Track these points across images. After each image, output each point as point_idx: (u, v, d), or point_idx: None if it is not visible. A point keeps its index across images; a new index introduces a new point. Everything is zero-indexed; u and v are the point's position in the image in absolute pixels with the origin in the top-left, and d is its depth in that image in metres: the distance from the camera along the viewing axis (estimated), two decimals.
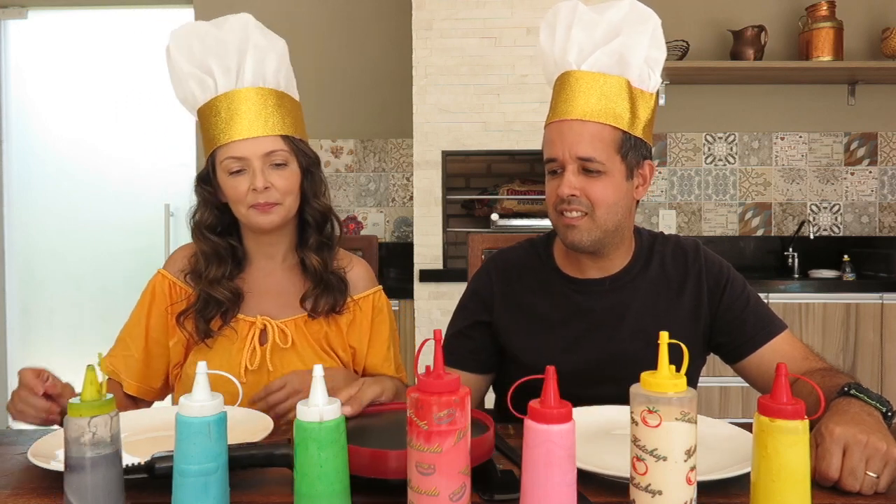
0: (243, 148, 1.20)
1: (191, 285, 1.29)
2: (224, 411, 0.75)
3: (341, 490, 0.73)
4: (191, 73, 1.22)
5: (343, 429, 0.73)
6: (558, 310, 1.25)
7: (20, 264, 3.59)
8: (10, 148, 3.55)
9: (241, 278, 1.31)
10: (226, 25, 1.22)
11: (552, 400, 0.68)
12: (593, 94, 1.14)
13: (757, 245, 3.35)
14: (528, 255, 1.31)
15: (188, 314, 1.27)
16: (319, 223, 1.32)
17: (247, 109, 1.21)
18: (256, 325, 1.28)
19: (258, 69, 1.22)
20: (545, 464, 0.67)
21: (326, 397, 0.73)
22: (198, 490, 0.72)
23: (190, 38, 1.22)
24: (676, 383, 0.69)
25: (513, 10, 2.78)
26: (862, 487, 0.82)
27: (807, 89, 3.31)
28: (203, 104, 1.24)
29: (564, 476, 0.67)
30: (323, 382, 0.74)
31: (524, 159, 3.16)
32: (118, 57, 3.54)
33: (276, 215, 1.23)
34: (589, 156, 1.13)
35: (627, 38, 1.14)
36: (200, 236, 1.29)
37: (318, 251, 1.31)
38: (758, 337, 1.20)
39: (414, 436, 0.68)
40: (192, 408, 0.73)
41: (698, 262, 1.25)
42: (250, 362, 1.26)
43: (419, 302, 2.78)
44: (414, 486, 0.69)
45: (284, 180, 1.23)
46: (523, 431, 0.69)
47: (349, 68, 3.35)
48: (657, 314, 1.22)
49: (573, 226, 1.16)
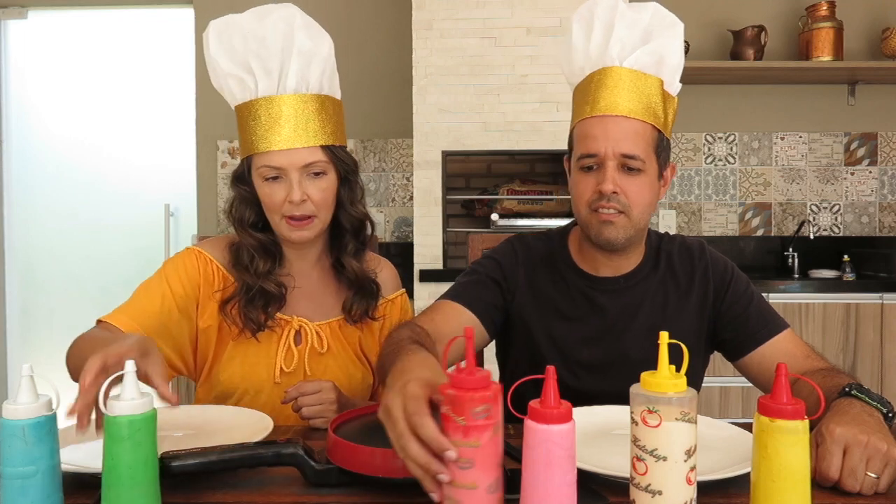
0: (281, 158, 1.17)
1: (233, 274, 1.25)
2: (46, 415, 0.73)
3: (131, 485, 0.72)
4: (230, 72, 1.18)
5: (140, 427, 0.73)
6: (575, 305, 1.25)
7: (20, 264, 3.59)
8: (10, 148, 3.55)
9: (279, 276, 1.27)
10: (268, 21, 1.16)
11: (552, 400, 0.68)
12: (635, 91, 1.15)
13: (757, 245, 3.35)
14: (547, 247, 1.31)
15: (233, 303, 1.22)
16: (357, 229, 1.29)
17: (287, 118, 1.17)
18: (293, 325, 1.25)
19: (302, 75, 1.18)
20: (545, 464, 0.67)
21: (132, 393, 0.73)
22: (14, 493, 0.71)
23: (231, 33, 1.16)
24: (676, 383, 0.69)
25: (513, 10, 2.77)
26: (862, 488, 0.82)
27: (807, 89, 3.31)
28: (241, 103, 1.20)
29: (565, 476, 0.67)
30: (133, 378, 0.74)
31: (524, 159, 3.15)
32: (118, 57, 3.53)
33: (309, 231, 1.21)
34: (633, 153, 1.13)
35: (664, 41, 1.16)
36: (244, 233, 1.25)
37: (357, 256, 1.29)
38: (760, 334, 1.20)
39: (451, 431, 0.67)
40: (9, 410, 0.73)
41: (704, 260, 1.27)
42: (286, 363, 1.23)
43: (419, 302, 2.78)
44: (451, 480, 0.68)
45: (321, 192, 1.19)
46: (523, 431, 0.69)
47: (349, 68, 3.34)
48: (667, 313, 1.24)
49: (610, 222, 1.15)
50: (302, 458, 0.84)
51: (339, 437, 0.83)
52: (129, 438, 0.72)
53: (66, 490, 0.77)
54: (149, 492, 0.74)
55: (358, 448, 0.81)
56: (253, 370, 1.23)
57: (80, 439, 0.94)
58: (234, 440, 0.89)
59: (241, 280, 1.23)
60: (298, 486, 0.85)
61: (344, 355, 1.28)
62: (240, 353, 1.24)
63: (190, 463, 0.81)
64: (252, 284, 1.22)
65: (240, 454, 0.83)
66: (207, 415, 1.10)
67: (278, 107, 1.17)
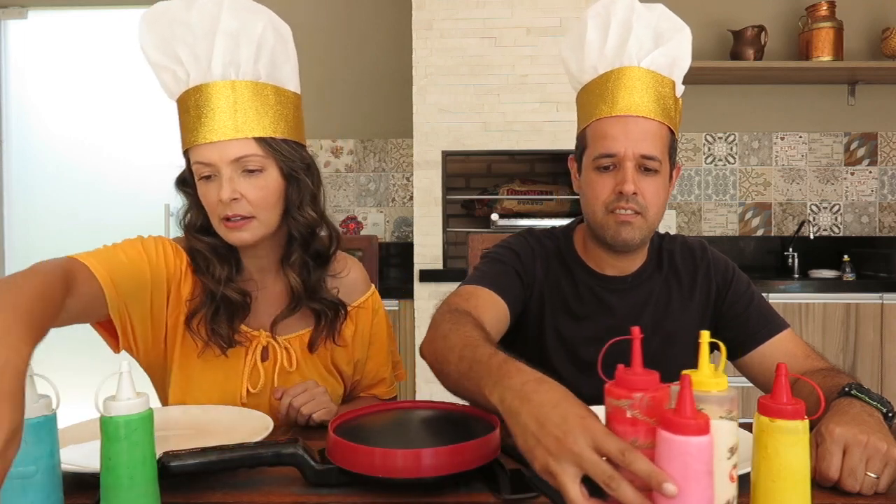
0: (209, 152, 1.05)
1: (199, 280, 1.13)
2: (46, 415, 0.73)
3: (129, 485, 0.72)
4: (160, 63, 1.06)
5: (137, 427, 0.73)
6: (584, 303, 1.25)
7: (20, 264, 3.57)
8: (10, 148, 3.55)
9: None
10: (196, 4, 1.04)
11: (688, 410, 0.63)
12: (653, 91, 1.15)
13: (757, 245, 3.35)
14: (556, 244, 1.30)
15: (200, 316, 1.11)
16: (305, 237, 1.15)
17: (214, 107, 1.04)
18: (259, 341, 1.16)
19: (230, 59, 1.04)
20: (682, 478, 0.62)
21: (128, 393, 0.73)
22: (14, 493, 0.71)
23: (159, 22, 1.05)
24: (719, 382, 0.69)
25: (513, 10, 2.77)
26: (862, 488, 0.82)
27: (807, 89, 3.31)
28: (177, 96, 1.09)
29: (704, 492, 0.63)
30: (129, 378, 0.73)
31: (524, 159, 3.15)
32: (118, 57, 3.53)
33: (248, 233, 1.08)
34: (652, 154, 1.13)
35: (677, 44, 1.16)
36: (194, 238, 1.14)
37: (302, 269, 1.16)
38: (760, 334, 1.21)
39: (641, 435, 0.65)
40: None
41: (705, 260, 1.28)
42: (252, 384, 1.15)
43: (419, 302, 2.78)
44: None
45: (258, 190, 1.07)
46: (657, 442, 0.64)
47: (349, 68, 3.35)
48: (671, 313, 1.25)
49: (628, 223, 1.15)
50: (302, 458, 0.84)
51: (339, 437, 0.83)
52: (126, 439, 0.72)
53: (66, 490, 0.77)
54: (148, 492, 0.74)
55: (358, 448, 0.81)
56: (219, 389, 1.14)
57: (80, 439, 0.95)
58: (234, 440, 0.89)
59: (206, 287, 1.12)
60: (298, 486, 0.85)
61: (314, 371, 1.20)
62: (198, 371, 1.14)
63: (189, 463, 0.81)
64: (215, 291, 1.11)
65: (240, 454, 0.83)
66: (207, 415, 1.10)
67: (206, 95, 1.05)
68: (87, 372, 1.90)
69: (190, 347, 1.14)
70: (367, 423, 0.95)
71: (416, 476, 0.79)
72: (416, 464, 0.79)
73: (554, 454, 0.66)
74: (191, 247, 1.15)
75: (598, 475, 0.63)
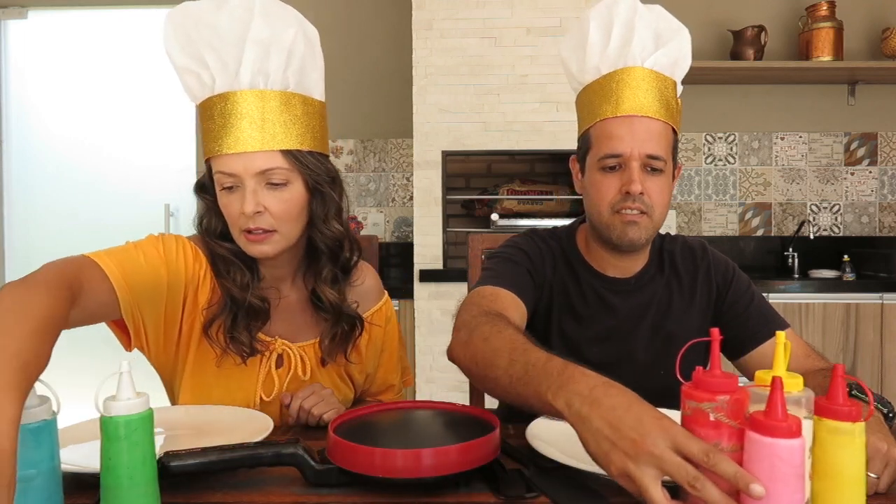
0: (234, 164, 1.03)
1: (219, 284, 1.11)
2: (46, 419, 0.73)
3: (129, 485, 0.72)
4: (186, 66, 1.03)
5: (137, 427, 0.73)
6: (587, 304, 1.25)
7: (20, 264, 3.59)
8: (10, 148, 3.55)
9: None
10: (226, 8, 1.01)
11: (779, 412, 0.62)
12: (657, 91, 1.15)
13: (757, 245, 3.35)
14: (559, 244, 1.29)
15: (218, 323, 1.08)
16: (333, 251, 1.14)
17: (242, 117, 1.02)
18: (275, 348, 1.14)
19: (259, 67, 1.02)
20: (769, 480, 0.62)
21: (128, 393, 0.73)
22: (17, 495, 0.71)
23: (186, 22, 1.01)
24: (797, 383, 0.68)
25: (513, 10, 2.78)
26: None
27: (807, 89, 3.31)
28: (201, 101, 1.07)
29: (793, 495, 0.62)
30: (129, 378, 0.73)
31: (524, 159, 3.15)
32: (118, 57, 3.54)
33: (269, 246, 1.07)
34: (657, 154, 1.14)
35: (678, 44, 1.17)
36: (214, 244, 1.12)
37: (335, 283, 1.15)
38: (760, 333, 1.21)
39: (724, 438, 0.65)
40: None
41: (706, 260, 1.28)
42: (265, 392, 1.13)
43: (419, 302, 2.78)
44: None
45: (282, 203, 1.05)
46: (745, 444, 0.64)
47: (349, 68, 3.35)
48: (673, 314, 1.25)
49: (635, 223, 1.15)
50: (302, 458, 0.84)
51: (339, 437, 0.83)
52: (126, 439, 0.72)
53: (67, 490, 0.76)
54: (147, 492, 0.74)
55: (358, 448, 0.81)
56: (231, 398, 1.12)
57: (80, 439, 0.95)
58: (234, 440, 0.89)
59: (226, 292, 1.10)
60: (298, 486, 0.85)
61: (328, 380, 1.19)
62: (212, 378, 1.12)
63: (189, 463, 0.81)
64: (238, 297, 1.09)
65: (240, 454, 0.83)
66: (207, 415, 1.10)
67: (233, 104, 1.02)
68: (87, 372, 1.90)
69: (205, 354, 1.12)
70: (367, 423, 0.95)
71: (416, 476, 0.79)
72: (416, 464, 0.79)
73: (632, 457, 0.65)
74: (212, 251, 1.13)
75: (681, 476, 0.62)
